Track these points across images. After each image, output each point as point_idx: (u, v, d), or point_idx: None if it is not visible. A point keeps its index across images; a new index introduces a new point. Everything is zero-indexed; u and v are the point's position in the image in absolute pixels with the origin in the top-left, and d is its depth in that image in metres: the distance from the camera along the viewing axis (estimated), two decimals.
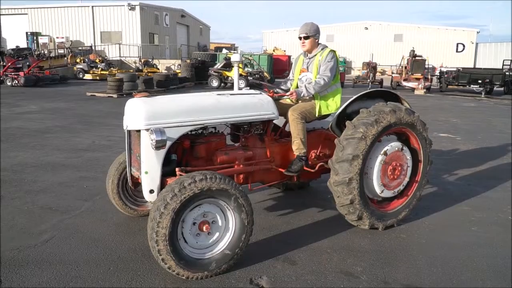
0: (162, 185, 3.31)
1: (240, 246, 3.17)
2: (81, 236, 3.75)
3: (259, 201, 4.74)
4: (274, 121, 3.98)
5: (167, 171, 3.37)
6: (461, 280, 3.16)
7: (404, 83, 22.39)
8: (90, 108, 12.54)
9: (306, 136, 3.93)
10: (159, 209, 2.85)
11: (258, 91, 4.02)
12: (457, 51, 42.65)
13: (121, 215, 4.21)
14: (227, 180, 3.06)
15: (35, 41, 32.10)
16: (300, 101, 4.09)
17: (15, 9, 34.58)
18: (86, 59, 26.19)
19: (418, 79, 22.28)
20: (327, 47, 4.14)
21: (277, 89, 4.12)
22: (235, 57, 4.39)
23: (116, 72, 22.71)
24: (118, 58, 30.24)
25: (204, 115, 3.47)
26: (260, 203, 4.67)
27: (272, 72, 29.03)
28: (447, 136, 9.05)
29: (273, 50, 37.97)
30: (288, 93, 4.01)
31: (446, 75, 22.95)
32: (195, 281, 3.04)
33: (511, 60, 23.95)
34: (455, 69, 23.33)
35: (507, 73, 21.82)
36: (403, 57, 24.80)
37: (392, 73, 26.80)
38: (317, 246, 3.65)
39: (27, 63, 20.99)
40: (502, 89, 21.83)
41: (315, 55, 4.10)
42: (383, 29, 46.06)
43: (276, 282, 3.06)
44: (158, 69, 26.20)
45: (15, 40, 32.14)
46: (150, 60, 27.69)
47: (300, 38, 4.11)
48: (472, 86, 21.42)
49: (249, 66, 24.17)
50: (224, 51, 34.17)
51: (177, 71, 24.30)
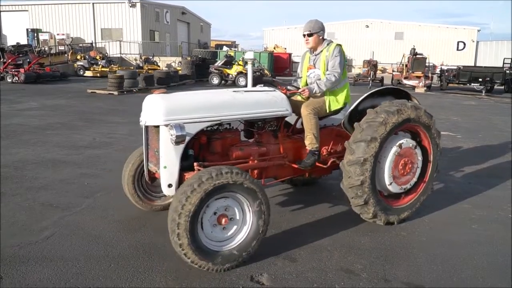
0: (180, 179, 3.39)
1: (248, 250, 3.22)
2: (82, 233, 3.75)
3: None
4: (285, 118, 4.06)
5: (184, 166, 3.43)
6: (462, 278, 3.16)
7: (405, 81, 22.32)
8: (91, 105, 12.53)
9: (319, 131, 3.99)
10: (192, 185, 2.94)
11: (272, 88, 4.08)
12: (457, 50, 42.56)
13: (122, 212, 4.21)
14: (258, 184, 3.19)
15: (35, 38, 32.05)
16: (311, 98, 4.11)
17: (15, 5, 34.54)
18: (87, 56, 26.15)
19: (418, 77, 22.21)
20: (332, 42, 4.16)
21: (289, 87, 4.15)
22: (248, 55, 4.42)
23: (117, 69, 22.69)
24: (119, 55, 30.21)
25: (221, 111, 3.54)
26: None
27: (273, 70, 29.02)
28: (447, 134, 9.04)
29: (274, 48, 37.95)
30: (300, 90, 4.05)
31: (446, 74, 22.91)
32: (196, 278, 3.04)
33: (511, 59, 23.95)
34: (455, 67, 23.29)
35: (507, 72, 21.79)
36: (403, 55, 24.73)
37: (393, 71, 26.76)
38: (317, 243, 3.65)
39: (28, 60, 20.97)
40: (502, 87, 21.80)
41: (321, 51, 4.12)
42: (384, 27, 45.98)
43: (277, 280, 3.06)
44: (159, 66, 26.16)
45: (16, 36, 32.10)
46: (151, 57, 27.64)
47: (304, 36, 4.14)
48: (472, 84, 21.39)
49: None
50: (225, 48, 34.17)
51: (178, 68, 24.26)
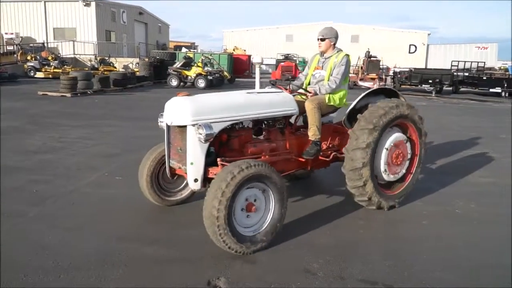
0: (205, 174, 3.71)
1: (272, 233, 3.59)
2: (30, 242, 3.56)
3: None
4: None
5: (208, 162, 3.73)
6: (412, 272, 3.27)
7: (360, 83, 22.98)
8: (42, 108, 11.98)
9: (321, 124, 4.39)
10: (232, 172, 3.29)
11: (279, 90, 4.50)
12: (409, 52, 44.30)
13: (72, 221, 4.05)
14: (279, 174, 3.61)
15: None
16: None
17: None
18: (38, 57, 24.99)
19: (373, 79, 22.97)
20: (342, 50, 4.60)
21: (292, 85, 4.61)
22: (256, 59, 4.54)
23: (70, 70, 21.86)
24: (72, 56, 29.13)
25: (240, 111, 3.90)
26: None
27: (232, 72, 28.99)
28: None
29: (233, 50, 37.88)
30: (308, 94, 4.51)
31: (399, 75, 23.75)
32: (153, 283, 2.96)
33: (458, 61, 25.23)
34: (407, 69, 24.22)
35: (455, 74, 22.94)
36: (359, 58, 25.45)
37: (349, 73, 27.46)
38: (276, 244, 3.65)
39: None
40: (450, 88, 22.88)
41: (331, 56, 4.56)
42: (341, 30, 46.39)
43: (234, 283, 3.04)
44: (115, 67, 25.43)
45: None
46: (107, 58, 26.86)
47: (318, 39, 4.58)
48: (423, 85, 22.30)
49: (208, 65, 23.97)
50: (184, 50, 33.78)
51: (135, 69, 23.68)
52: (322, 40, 4.54)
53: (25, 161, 6.17)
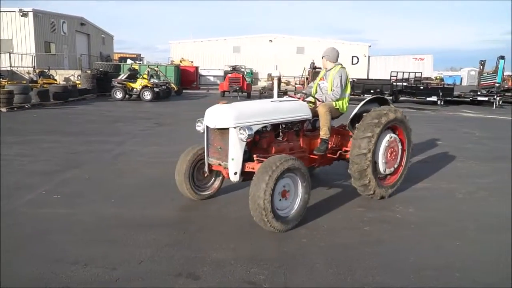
0: (242, 169, 4.50)
1: (300, 215, 4.38)
2: None
3: (167, 216, 4.61)
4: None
5: (244, 158, 4.52)
6: (354, 278, 3.36)
7: None
8: None
9: (331, 125, 5.33)
10: (275, 163, 4.08)
11: (295, 98, 5.42)
12: (352, 64, 46.08)
13: (7, 242, 3.78)
14: (305, 167, 4.43)
15: None
16: (325, 102, 5.51)
17: None
18: None
19: None
20: (339, 64, 5.64)
21: (303, 92, 5.62)
22: (275, 73, 5.36)
23: (6, 83, 20.61)
24: (9, 68, 27.52)
25: (269, 116, 4.78)
26: (170, 217, 4.54)
27: (180, 83, 28.71)
28: None
29: (180, 61, 37.58)
30: (317, 103, 5.48)
31: None
32: None
33: (397, 72, 26.58)
34: (351, 80, 25.15)
35: (394, 84, 24.15)
36: (304, 69, 26.13)
37: (296, 84, 28.07)
38: (221, 258, 3.62)
39: None
40: (390, 98, 24.04)
41: (331, 69, 5.61)
42: (286, 42, 48.14)
43: None
44: (56, 80, 24.31)
45: None
46: (46, 70, 25.62)
47: (322, 58, 5.70)
48: (365, 95, 23.26)
49: (155, 77, 23.58)
50: (129, 61, 33.02)
51: (77, 82, 22.78)
52: (323, 57, 5.70)
53: None
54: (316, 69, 24.94)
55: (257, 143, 4.80)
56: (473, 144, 9.84)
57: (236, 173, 4.48)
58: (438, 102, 22.14)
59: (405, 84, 24.78)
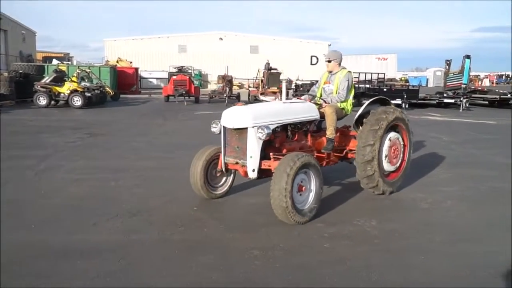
0: (260, 166, 5.33)
1: (315, 207, 5.27)
2: None
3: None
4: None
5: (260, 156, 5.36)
6: None
7: (262, 97, 23.70)
8: None
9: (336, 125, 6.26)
10: (288, 165, 4.88)
11: (303, 100, 6.39)
12: (311, 64, 46.92)
13: None
14: (318, 162, 5.44)
15: None
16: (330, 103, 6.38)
17: None
18: None
19: (275, 93, 23.76)
20: (345, 68, 6.55)
21: (309, 94, 6.69)
22: (283, 76, 5.81)
23: None
24: None
25: (283, 116, 5.70)
26: (103, 242, 4.40)
27: (116, 87, 28.14)
28: None
29: (117, 62, 36.89)
30: (323, 104, 6.32)
31: (301, 88, 25.14)
32: None
33: (359, 73, 27.47)
34: (310, 82, 25.72)
35: (356, 86, 24.89)
36: (258, 70, 26.37)
37: (249, 86, 28.28)
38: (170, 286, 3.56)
39: None
40: (353, 101, 24.77)
41: (337, 73, 6.50)
42: (239, 40, 48.62)
43: None
44: None
45: None
46: None
47: (325, 61, 6.54)
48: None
49: (86, 80, 22.95)
50: (55, 61, 31.98)
51: None
52: (329, 61, 6.48)
53: None
54: (272, 70, 25.26)
55: (271, 142, 5.56)
56: (440, 150, 10.32)
57: (254, 170, 5.32)
58: (403, 105, 23.06)
59: (368, 86, 25.66)
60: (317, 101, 6.50)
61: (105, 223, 5.04)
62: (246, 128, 5.27)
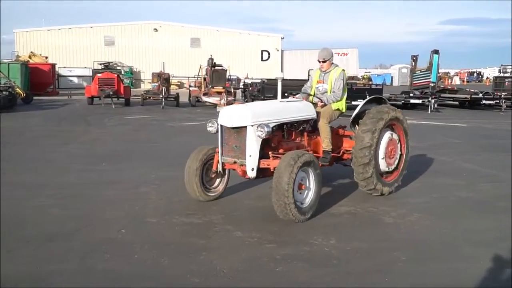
0: (258, 165, 5.99)
1: (314, 207, 6.06)
2: None
3: None
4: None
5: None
6: None
7: (204, 99, 23.62)
8: None
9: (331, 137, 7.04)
10: (292, 160, 5.63)
11: (300, 99, 7.24)
12: (262, 60, 47.66)
13: None
14: (316, 160, 6.25)
15: None
16: (322, 109, 7.08)
17: None
18: None
19: (220, 93, 23.71)
20: (338, 66, 7.34)
21: (304, 93, 7.42)
22: (278, 74, 7.52)
23: None
24: None
25: (282, 115, 6.41)
26: None
27: (29, 87, 27.27)
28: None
29: (29, 57, 35.77)
30: (319, 104, 7.17)
31: (250, 88, 25.22)
32: None
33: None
34: (260, 80, 25.86)
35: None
36: (200, 67, 26.26)
37: (190, 86, 28.10)
38: None
39: None
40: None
41: (330, 71, 7.22)
42: (177, 32, 48.35)
43: None
44: None
45: None
46: None
47: (319, 61, 7.21)
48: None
49: None
50: None
51: None
52: (324, 61, 7.15)
53: None
54: (217, 67, 25.21)
55: (268, 141, 6.19)
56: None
57: (253, 169, 5.95)
58: None
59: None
60: (311, 100, 7.24)
61: (18, 250, 4.88)
62: (245, 127, 5.93)
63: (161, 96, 24.03)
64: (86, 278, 4.32)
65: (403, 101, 25.59)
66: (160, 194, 7.13)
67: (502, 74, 35.66)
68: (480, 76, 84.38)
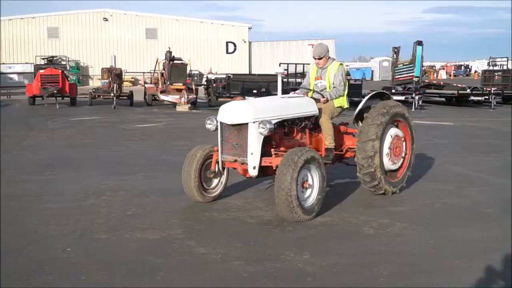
0: (260, 163, 6.42)
1: (318, 205, 6.54)
2: None
3: None
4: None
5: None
6: None
7: (162, 97, 23.32)
8: None
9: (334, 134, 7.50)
10: (292, 161, 6.02)
11: (301, 95, 7.72)
12: (227, 53, 47.64)
13: None
14: (321, 157, 6.73)
15: None
16: (323, 106, 7.47)
17: None
18: None
19: (179, 90, 23.50)
20: (334, 59, 7.86)
21: (305, 88, 7.90)
22: (278, 69, 8.30)
23: None
24: None
25: (284, 111, 6.88)
26: None
27: None
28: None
29: None
30: (322, 100, 7.51)
31: (215, 85, 25.09)
32: None
33: (288, 64, 27.85)
34: (225, 75, 25.73)
35: (284, 80, 25.14)
36: (157, 61, 26.06)
37: (145, 83, 27.84)
38: None
39: None
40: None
41: (327, 67, 7.68)
42: (131, 21, 47.98)
43: None
44: None
45: None
46: None
47: (315, 58, 7.66)
48: (246, 97, 24.00)
49: None
50: None
51: None
52: (320, 58, 7.61)
53: None
54: (176, 61, 25.05)
55: (269, 138, 6.59)
56: None
57: (255, 167, 6.37)
58: None
59: (300, 80, 26.21)
60: (311, 95, 7.71)
61: None
62: (246, 124, 6.34)
63: (112, 94, 23.77)
64: None
65: None
66: (111, 207, 7.04)
67: (491, 68, 36.33)
68: (468, 70, 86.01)
